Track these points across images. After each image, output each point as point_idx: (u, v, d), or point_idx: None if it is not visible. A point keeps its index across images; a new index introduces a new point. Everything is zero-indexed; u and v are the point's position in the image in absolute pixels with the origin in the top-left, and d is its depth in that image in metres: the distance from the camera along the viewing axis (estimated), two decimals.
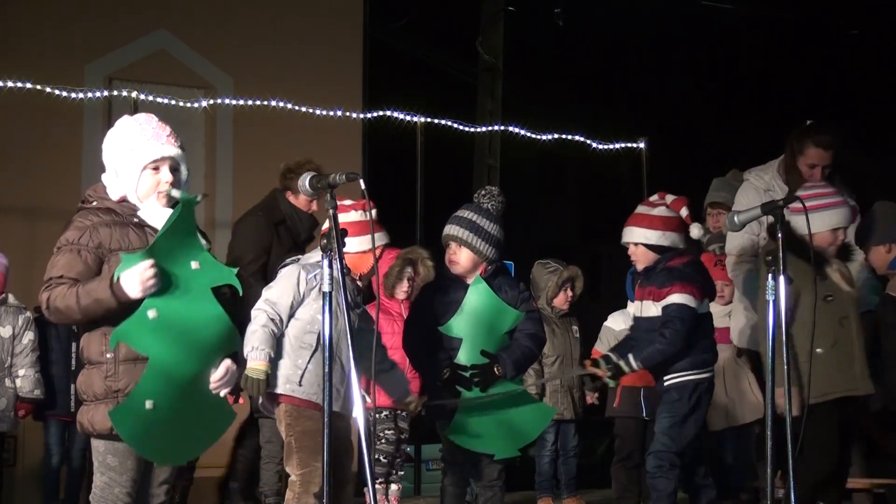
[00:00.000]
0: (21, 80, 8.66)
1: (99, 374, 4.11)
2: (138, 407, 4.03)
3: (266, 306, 4.94)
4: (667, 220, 5.70)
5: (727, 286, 7.30)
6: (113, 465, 4.15)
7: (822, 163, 6.44)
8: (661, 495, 5.62)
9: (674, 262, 5.65)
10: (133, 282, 3.96)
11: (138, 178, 4.18)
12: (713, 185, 7.80)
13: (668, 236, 5.66)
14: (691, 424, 5.67)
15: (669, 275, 5.61)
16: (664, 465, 5.61)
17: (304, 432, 4.90)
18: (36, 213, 9.40)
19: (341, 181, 4.06)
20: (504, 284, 5.48)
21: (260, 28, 10.89)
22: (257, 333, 4.87)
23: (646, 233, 5.69)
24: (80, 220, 4.16)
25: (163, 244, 4.04)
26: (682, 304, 5.55)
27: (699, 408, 5.71)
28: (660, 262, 5.66)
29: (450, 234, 5.44)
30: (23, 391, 7.44)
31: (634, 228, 5.74)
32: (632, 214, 5.80)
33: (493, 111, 13.50)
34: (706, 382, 5.75)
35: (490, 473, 5.51)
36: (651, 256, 5.70)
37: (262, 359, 4.82)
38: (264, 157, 10.53)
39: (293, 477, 4.94)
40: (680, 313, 5.54)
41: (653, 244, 5.66)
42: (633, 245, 5.74)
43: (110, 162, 4.22)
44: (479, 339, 5.39)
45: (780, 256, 4.57)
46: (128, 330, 4.02)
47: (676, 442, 5.63)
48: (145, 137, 4.19)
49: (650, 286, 5.69)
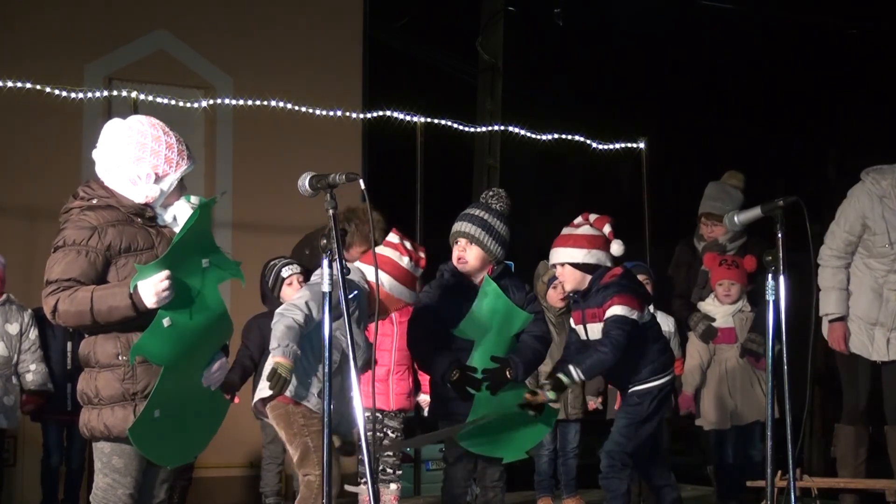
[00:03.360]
0: (21, 80, 8.65)
1: (113, 377, 4.07)
2: (150, 417, 4.03)
3: (300, 303, 4.85)
4: (591, 239, 5.73)
5: (734, 285, 7.31)
6: (118, 467, 4.13)
7: None
8: (615, 495, 5.70)
9: (607, 279, 5.67)
10: (148, 293, 3.94)
11: (175, 186, 4.21)
12: (707, 193, 7.75)
13: (594, 254, 5.70)
14: (648, 427, 5.76)
15: (606, 291, 5.64)
16: (616, 464, 5.69)
17: (319, 433, 4.87)
18: (36, 213, 9.39)
19: (341, 181, 4.06)
20: (511, 286, 5.49)
21: (260, 28, 10.89)
22: (287, 331, 4.75)
23: (571, 252, 5.71)
24: (82, 218, 4.09)
25: (178, 251, 4.02)
26: (621, 316, 5.59)
27: (659, 411, 5.81)
28: (593, 283, 5.68)
29: (461, 230, 5.44)
30: (35, 384, 7.49)
31: (560, 249, 5.77)
32: (557, 237, 5.82)
33: (493, 111, 13.49)
34: (668, 386, 5.85)
35: (492, 474, 5.51)
36: (578, 276, 5.73)
37: (290, 357, 4.71)
38: (264, 157, 10.55)
39: (312, 477, 4.91)
40: (620, 324, 5.59)
41: (579, 262, 5.69)
42: (559, 266, 5.76)
43: (147, 165, 4.16)
44: (489, 340, 5.39)
45: (780, 256, 4.58)
46: (145, 343, 3.99)
47: (630, 442, 5.71)
48: (183, 148, 4.24)
49: (590, 308, 5.71)
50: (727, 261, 7.35)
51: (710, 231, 7.66)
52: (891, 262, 6.67)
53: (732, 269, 7.29)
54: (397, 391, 6.86)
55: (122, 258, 4.08)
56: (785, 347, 4.58)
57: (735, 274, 7.30)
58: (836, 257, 6.78)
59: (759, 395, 7.22)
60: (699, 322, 7.43)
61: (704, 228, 7.71)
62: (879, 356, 6.70)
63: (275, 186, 10.05)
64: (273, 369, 4.64)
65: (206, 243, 4.17)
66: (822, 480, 6.75)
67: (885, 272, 6.68)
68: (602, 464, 5.74)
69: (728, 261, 7.35)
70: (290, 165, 9.11)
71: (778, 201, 4.71)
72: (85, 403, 4.15)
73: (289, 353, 4.69)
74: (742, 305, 7.37)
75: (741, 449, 7.34)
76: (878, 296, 6.72)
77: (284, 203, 9.78)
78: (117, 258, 4.08)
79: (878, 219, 6.66)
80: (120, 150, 4.18)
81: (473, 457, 5.51)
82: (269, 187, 10.26)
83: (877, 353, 6.71)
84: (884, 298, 6.70)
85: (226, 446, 8.86)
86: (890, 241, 6.59)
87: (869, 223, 6.67)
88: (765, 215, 4.76)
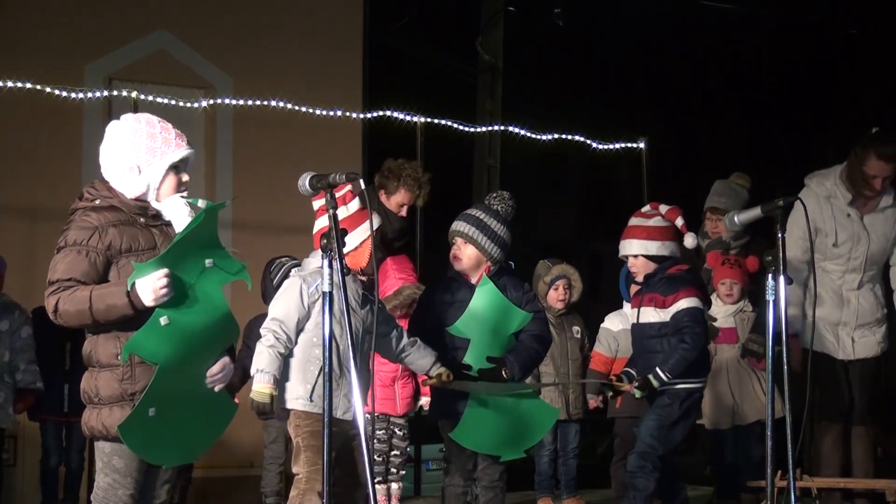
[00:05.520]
0: (21, 80, 8.65)
1: (113, 377, 4.08)
2: (143, 415, 4.03)
3: (273, 325, 4.91)
4: (664, 230, 5.88)
5: (736, 284, 7.30)
6: (119, 468, 4.13)
7: (882, 174, 6.50)
8: (640, 495, 5.70)
9: (673, 271, 5.77)
10: (146, 291, 3.94)
11: (163, 177, 4.20)
12: (714, 189, 7.78)
13: (667, 246, 5.85)
14: (679, 430, 5.77)
15: (672, 282, 5.73)
16: (647, 465, 5.69)
17: (312, 433, 4.89)
18: (36, 213, 9.39)
19: (341, 181, 4.06)
20: (508, 285, 5.49)
21: (260, 28, 10.88)
22: (263, 355, 4.86)
23: (645, 244, 5.86)
24: (84, 219, 4.10)
25: (178, 250, 4.01)
26: (693, 308, 5.72)
27: (688, 417, 5.83)
28: (659, 271, 5.79)
29: (456, 230, 5.47)
30: (24, 383, 7.45)
31: (633, 241, 5.90)
32: (627, 227, 5.96)
33: (493, 111, 13.49)
34: (698, 393, 5.87)
35: (492, 474, 5.51)
36: (650, 266, 5.89)
37: (267, 382, 4.82)
38: (264, 157, 10.54)
39: (300, 475, 4.94)
40: (694, 316, 5.71)
41: (653, 255, 5.80)
42: (632, 257, 5.86)
43: (130, 159, 4.18)
44: (485, 339, 5.39)
45: (781, 256, 4.58)
46: (140, 340, 3.98)
47: (663, 445, 5.72)
48: (170, 137, 4.22)
49: (651, 293, 5.78)
50: (730, 260, 7.36)
51: (714, 226, 7.68)
52: (845, 261, 6.79)
53: (735, 268, 7.31)
54: (403, 395, 6.92)
55: (124, 258, 4.08)
56: (785, 347, 4.59)
57: (737, 273, 7.31)
58: (793, 269, 6.78)
59: (760, 395, 7.22)
60: None
61: (709, 223, 7.74)
62: (846, 355, 6.83)
63: (275, 186, 10.04)
64: (251, 398, 4.82)
65: (211, 245, 4.16)
66: (822, 480, 6.75)
67: (842, 273, 6.82)
68: (632, 464, 5.75)
69: (731, 260, 7.36)
70: (290, 165, 9.11)
71: (778, 201, 4.72)
72: (87, 403, 4.17)
73: (265, 379, 4.82)
74: (743, 305, 7.36)
75: (741, 449, 7.34)
76: (839, 297, 6.85)
77: (284, 203, 9.77)
78: (118, 258, 4.09)
79: (828, 218, 6.76)
80: (107, 150, 4.25)
81: (473, 457, 5.51)
82: (269, 187, 10.25)
83: (843, 353, 6.83)
84: (844, 299, 6.83)
85: (226, 446, 8.88)
86: (837, 240, 6.69)
87: (819, 225, 6.73)
88: (765, 215, 4.77)
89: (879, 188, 6.57)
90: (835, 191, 6.69)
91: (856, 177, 6.57)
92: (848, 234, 6.71)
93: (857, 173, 6.57)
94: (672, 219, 5.88)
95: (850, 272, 6.80)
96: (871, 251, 6.74)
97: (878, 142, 6.49)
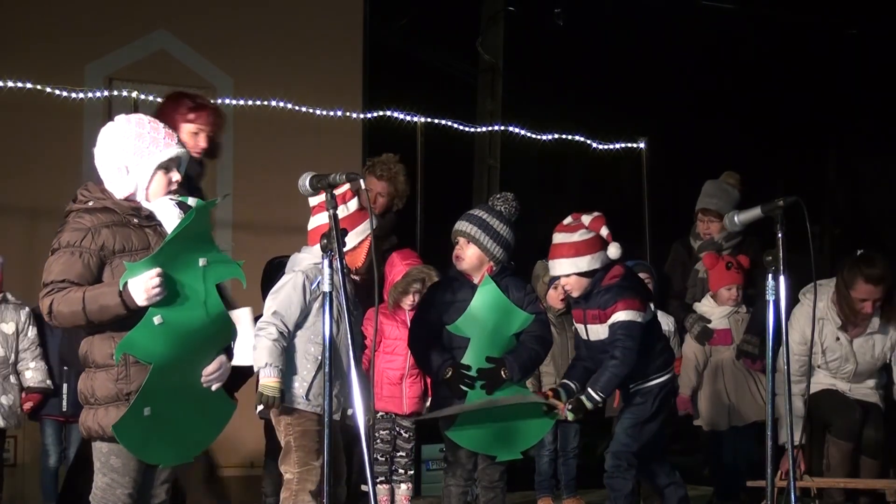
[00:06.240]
0: (21, 80, 8.65)
1: (108, 377, 4.10)
2: (138, 415, 4.03)
3: (275, 319, 4.90)
4: (591, 243, 5.63)
5: (740, 288, 7.31)
6: (116, 467, 4.15)
7: (872, 297, 6.47)
8: (619, 495, 5.68)
9: (609, 280, 5.62)
10: (138, 290, 3.95)
11: (151, 177, 4.20)
12: (705, 190, 7.78)
13: (598, 258, 5.61)
14: (653, 425, 5.75)
15: (609, 293, 5.58)
16: (622, 464, 5.67)
17: (304, 432, 4.91)
18: (36, 213, 9.39)
19: (341, 181, 4.08)
20: (510, 286, 5.50)
21: (260, 28, 10.88)
22: (268, 348, 4.84)
23: (576, 261, 5.61)
24: (77, 221, 4.13)
25: (170, 249, 4.02)
26: (628, 321, 5.55)
27: (662, 410, 5.80)
28: (594, 284, 5.63)
29: (458, 229, 5.48)
30: (34, 381, 7.48)
31: (563, 260, 5.64)
32: (553, 245, 5.70)
33: (493, 111, 13.49)
34: (669, 384, 5.84)
35: (492, 474, 5.52)
36: (585, 282, 5.64)
37: (275, 376, 4.81)
38: (264, 157, 10.54)
39: (290, 475, 4.95)
40: (628, 330, 5.53)
41: (584, 271, 5.62)
42: (564, 277, 5.67)
43: (118, 160, 4.21)
44: (485, 339, 5.39)
45: (781, 256, 4.58)
46: (133, 339, 4.00)
47: (636, 442, 5.70)
48: (158, 137, 4.23)
49: (592, 310, 5.66)
50: (732, 263, 7.36)
51: (706, 227, 7.69)
52: (833, 374, 6.86)
53: (739, 272, 7.33)
54: (410, 395, 6.90)
55: (117, 259, 4.10)
56: (785, 347, 4.59)
57: (740, 277, 7.34)
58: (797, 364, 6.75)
59: (757, 395, 7.23)
60: (695, 324, 7.44)
61: (701, 225, 7.74)
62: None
63: (275, 186, 10.04)
64: (259, 392, 4.79)
65: (205, 243, 4.17)
66: (822, 480, 6.75)
67: (832, 378, 6.87)
68: (608, 464, 5.74)
69: (733, 263, 7.36)
70: (290, 165, 9.10)
71: (778, 201, 4.72)
72: (83, 403, 4.19)
73: (274, 373, 4.81)
74: (738, 307, 7.38)
75: (740, 449, 7.34)
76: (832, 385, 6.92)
77: (284, 203, 9.77)
78: (112, 259, 4.10)
79: (818, 337, 6.75)
80: (98, 151, 4.28)
81: (473, 457, 5.52)
82: (269, 187, 10.25)
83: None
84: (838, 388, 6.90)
85: (226, 446, 8.87)
86: (826, 359, 6.72)
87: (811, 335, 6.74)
88: (765, 215, 4.77)
89: (870, 311, 6.57)
90: (827, 313, 6.69)
91: (844, 304, 6.57)
92: (836, 356, 6.79)
93: (845, 300, 6.56)
94: (596, 229, 5.66)
95: (840, 381, 6.88)
96: (858, 370, 6.82)
97: (863, 265, 6.49)
